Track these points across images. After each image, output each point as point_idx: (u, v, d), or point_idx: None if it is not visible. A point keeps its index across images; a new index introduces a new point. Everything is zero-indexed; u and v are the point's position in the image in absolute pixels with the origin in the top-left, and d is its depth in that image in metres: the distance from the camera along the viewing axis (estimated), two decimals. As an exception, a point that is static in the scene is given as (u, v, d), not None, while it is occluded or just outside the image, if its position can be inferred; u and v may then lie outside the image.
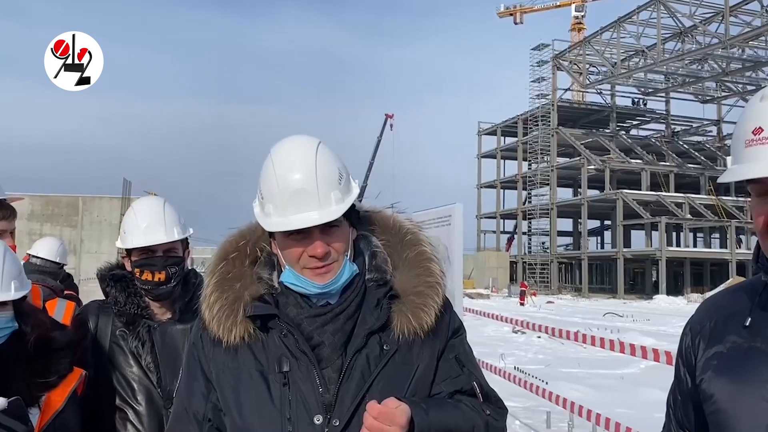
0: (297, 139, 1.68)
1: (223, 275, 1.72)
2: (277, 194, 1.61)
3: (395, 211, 1.86)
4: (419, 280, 1.71)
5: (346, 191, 1.65)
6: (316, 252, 1.59)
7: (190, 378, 1.76)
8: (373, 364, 1.62)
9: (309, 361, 1.60)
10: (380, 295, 1.68)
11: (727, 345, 1.44)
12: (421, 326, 1.65)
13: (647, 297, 49.80)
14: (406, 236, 1.79)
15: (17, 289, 2.01)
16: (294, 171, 1.61)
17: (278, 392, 1.60)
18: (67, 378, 2.11)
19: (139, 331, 2.51)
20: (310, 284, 1.62)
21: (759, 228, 1.35)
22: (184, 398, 1.77)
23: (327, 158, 1.64)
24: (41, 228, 24.22)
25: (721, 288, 2.52)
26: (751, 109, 1.33)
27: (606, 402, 9.05)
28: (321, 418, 1.57)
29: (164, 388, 2.47)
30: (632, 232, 62.20)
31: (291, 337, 1.62)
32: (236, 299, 1.67)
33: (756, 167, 1.28)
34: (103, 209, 25.74)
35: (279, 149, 1.66)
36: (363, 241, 1.77)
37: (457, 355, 1.74)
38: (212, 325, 1.68)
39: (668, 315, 28.99)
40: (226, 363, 1.67)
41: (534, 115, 64.61)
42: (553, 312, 30.36)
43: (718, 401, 1.41)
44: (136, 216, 2.56)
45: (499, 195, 71.69)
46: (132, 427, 2.44)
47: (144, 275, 2.50)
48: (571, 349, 15.24)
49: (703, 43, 51.78)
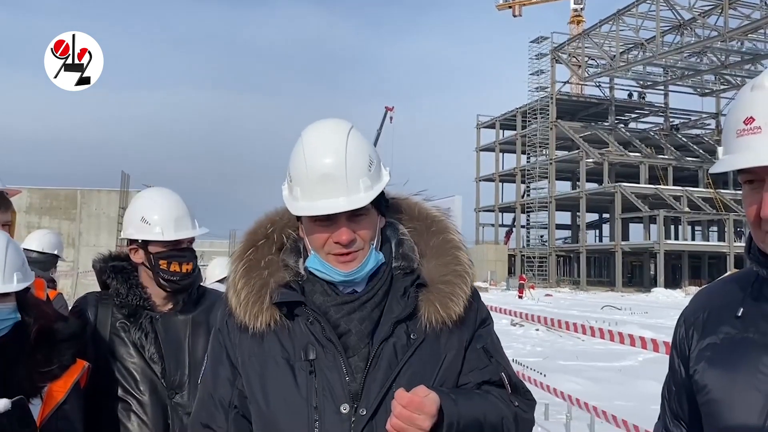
0: (329, 122, 1.66)
1: (250, 262, 1.71)
2: (305, 178, 1.59)
3: (422, 198, 1.83)
4: (447, 269, 1.68)
5: (375, 178, 1.63)
6: (342, 239, 1.58)
7: (216, 364, 1.75)
8: (401, 353, 1.60)
9: (335, 350, 1.58)
10: (407, 284, 1.66)
11: (720, 336, 1.45)
12: (450, 316, 1.63)
13: (645, 290, 49.87)
14: (433, 224, 1.76)
15: (20, 281, 2.02)
16: (324, 155, 1.58)
17: (304, 380, 1.58)
18: (69, 369, 2.12)
19: (142, 322, 2.53)
20: (335, 271, 1.61)
21: (750, 218, 1.35)
22: (209, 384, 1.76)
23: (358, 144, 1.62)
24: (39, 221, 24.18)
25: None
26: (742, 98, 1.33)
27: (604, 394, 9.09)
28: (348, 407, 1.55)
29: (168, 378, 2.49)
30: (630, 225, 62.26)
31: (317, 325, 1.60)
32: (263, 286, 1.66)
33: (747, 157, 1.28)
34: (102, 202, 25.68)
35: (310, 132, 1.63)
36: (390, 229, 1.74)
37: (485, 346, 1.71)
38: (238, 312, 1.66)
39: (666, 308, 29.04)
40: (252, 350, 1.66)
41: (533, 108, 64.54)
42: (551, 305, 30.41)
43: (711, 391, 1.42)
44: (161, 208, 2.57)
45: (498, 188, 71.68)
46: (135, 417, 2.45)
47: (173, 266, 2.53)
48: (569, 342, 15.28)
49: (702, 36, 51.69)
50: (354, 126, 1.66)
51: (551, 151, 62.71)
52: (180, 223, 2.56)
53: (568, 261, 66.28)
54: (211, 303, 2.69)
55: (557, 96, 64.25)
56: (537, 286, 48.37)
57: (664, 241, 52.03)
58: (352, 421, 1.55)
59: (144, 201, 2.64)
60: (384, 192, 1.67)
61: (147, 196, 2.68)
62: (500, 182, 71.71)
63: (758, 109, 1.29)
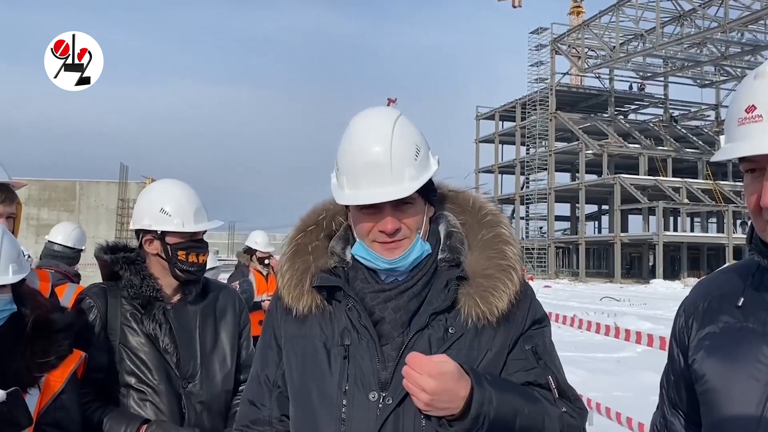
0: (375, 111, 1.66)
1: (298, 246, 1.74)
2: (351, 167, 1.60)
3: (479, 192, 1.82)
4: (491, 263, 1.65)
5: (422, 168, 1.62)
6: (386, 228, 1.58)
7: (265, 345, 1.80)
8: (435, 346, 1.57)
9: (370, 337, 1.59)
10: (450, 276, 1.64)
11: (719, 325, 1.45)
12: (492, 311, 1.59)
13: (644, 281, 49.96)
14: (485, 217, 1.74)
15: (15, 272, 2.02)
16: (369, 144, 1.59)
17: (338, 365, 1.60)
18: (66, 359, 2.13)
19: (155, 313, 2.56)
20: (379, 258, 1.61)
21: (751, 207, 1.35)
22: (258, 363, 1.82)
23: (404, 133, 1.61)
24: (38, 212, 24.19)
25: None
26: (745, 87, 1.32)
27: (602, 385, 9.11)
28: (376, 394, 1.56)
29: (182, 368, 2.53)
30: (629, 216, 62.26)
31: (354, 311, 1.62)
32: (305, 270, 1.69)
33: (748, 145, 1.28)
34: (101, 194, 25.68)
35: (357, 121, 1.64)
36: (441, 220, 1.73)
37: (535, 347, 1.65)
38: (283, 293, 1.71)
39: (665, 299, 29.09)
40: (293, 331, 1.70)
41: (532, 100, 64.41)
42: (550, 296, 30.43)
43: (709, 381, 1.42)
44: (179, 199, 2.61)
45: (497, 180, 71.65)
46: (152, 406, 2.49)
47: (190, 257, 2.58)
48: (567, 333, 15.29)
49: (702, 27, 51.53)
50: (402, 114, 1.65)
51: (551, 142, 62.64)
52: (199, 214, 2.62)
53: (567, 252, 66.33)
54: (216, 294, 2.75)
55: (557, 87, 64.11)
56: (536, 277, 48.43)
57: (663, 233, 52.05)
58: (379, 408, 1.55)
59: (161, 192, 2.66)
60: (432, 181, 1.66)
61: (164, 187, 2.70)
62: (499, 174, 71.69)
63: (760, 97, 1.28)
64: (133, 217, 2.71)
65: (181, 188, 2.68)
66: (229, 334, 2.70)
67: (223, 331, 2.67)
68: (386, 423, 1.54)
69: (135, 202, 2.83)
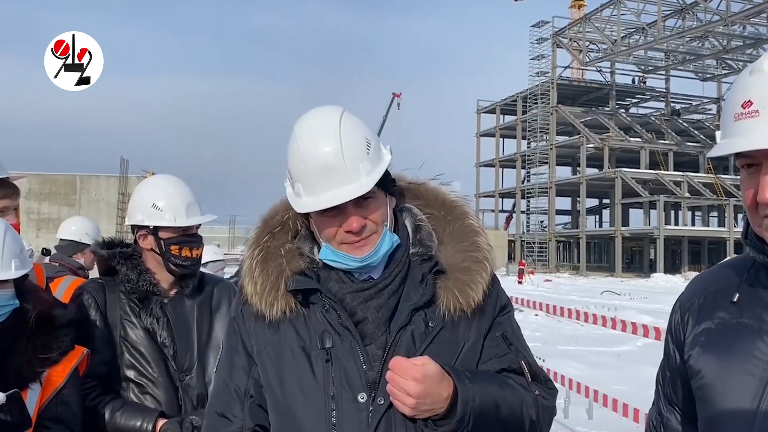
0: (318, 112, 1.62)
1: (267, 249, 1.68)
2: (304, 173, 1.56)
3: (440, 183, 1.80)
4: (466, 256, 1.66)
5: (376, 160, 1.59)
6: (352, 227, 1.56)
7: (231, 353, 1.73)
8: (419, 342, 1.57)
9: (352, 338, 1.56)
10: (425, 270, 1.63)
11: (715, 321, 1.45)
12: (468, 303, 1.61)
13: (645, 275, 49.94)
14: (451, 209, 1.73)
15: (18, 268, 2.04)
16: (318, 147, 1.55)
17: (321, 369, 1.57)
18: (68, 355, 2.14)
19: (152, 307, 2.58)
20: (349, 258, 1.59)
21: (748, 202, 1.35)
22: (225, 374, 1.74)
23: (352, 128, 1.58)
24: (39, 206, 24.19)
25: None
26: (741, 82, 1.32)
27: (602, 379, 9.12)
28: (365, 396, 1.54)
29: (179, 361, 2.56)
30: (630, 210, 62.23)
31: (333, 313, 1.59)
32: (279, 274, 1.64)
33: (744, 140, 1.27)
34: (101, 188, 25.67)
35: (301, 125, 1.60)
36: (406, 214, 1.72)
37: (504, 333, 1.68)
38: (254, 299, 1.65)
39: (665, 293, 29.05)
40: (267, 338, 1.65)
41: (533, 93, 64.25)
42: (550, 290, 30.45)
43: (705, 376, 1.43)
44: (171, 195, 2.62)
45: (498, 174, 71.56)
46: (152, 399, 2.52)
47: (183, 252, 2.59)
48: (568, 327, 15.31)
49: (704, 21, 51.36)
50: (345, 110, 1.62)
51: (552, 136, 62.52)
52: (191, 209, 2.63)
53: (567, 246, 66.31)
54: (211, 288, 2.76)
55: (558, 81, 63.92)
56: (537, 271, 48.39)
57: (664, 227, 52.01)
58: (370, 410, 1.53)
59: (153, 187, 2.68)
60: (389, 171, 1.64)
61: (155, 183, 2.71)
62: (500, 168, 71.56)
63: (756, 92, 1.27)
64: (127, 213, 2.73)
65: (173, 183, 2.69)
66: (223, 327, 2.67)
67: (217, 325, 2.68)
68: (380, 424, 1.52)
69: (134, 197, 2.84)
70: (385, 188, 1.64)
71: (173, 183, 2.69)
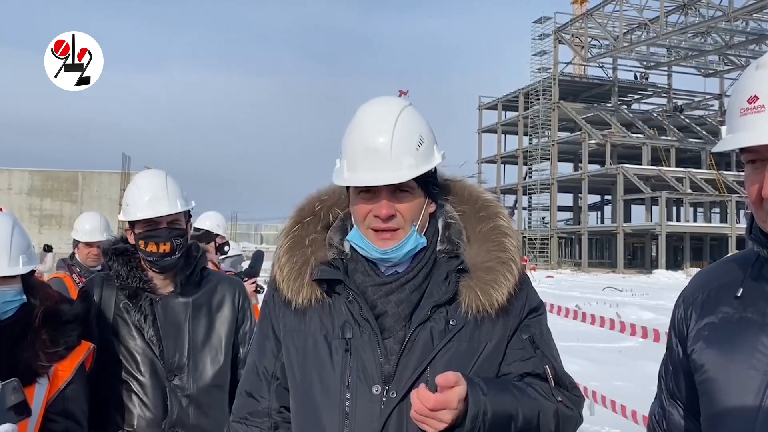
0: (384, 99, 1.68)
1: (296, 238, 1.73)
2: (351, 151, 1.62)
3: (476, 181, 1.82)
4: (491, 255, 1.66)
5: (423, 159, 1.61)
6: (381, 212, 1.58)
7: (262, 336, 1.79)
8: (437, 339, 1.58)
9: (371, 330, 1.58)
10: (450, 268, 1.64)
11: (718, 316, 1.46)
12: (491, 303, 1.60)
13: (646, 271, 49.90)
14: (482, 208, 1.74)
15: (25, 264, 2.06)
16: (371, 130, 1.61)
17: (339, 358, 1.60)
18: (75, 350, 2.17)
19: (141, 304, 2.54)
20: (372, 247, 1.61)
21: (752, 198, 1.35)
22: (255, 355, 1.81)
23: (409, 121, 1.62)
24: (41, 203, 24.24)
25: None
26: (747, 77, 1.32)
27: (604, 376, 9.14)
28: (379, 388, 1.56)
29: (167, 360, 2.52)
30: (632, 206, 62.12)
31: (356, 304, 1.61)
32: (305, 262, 1.68)
33: (750, 136, 1.28)
34: (103, 184, 25.72)
35: (365, 108, 1.66)
36: (438, 211, 1.72)
37: (531, 336, 1.66)
38: (282, 286, 1.70)
39: (667, 289, 29.06)
40: (294, 324, 1.69)
41: (535, 90, 64.16)
42: (552, 286, 30.44)
43: (708, 371, 1.43)
44: (139, 189, 2.58)
45: (500, 170, 71.48)
46: (137, 398, 2.48)
47: (149, 247, 2.52)
48: (569, 323, 15.25)
49: (707, 16, 51.23)
50: (411, 105, 1.67)
51: (553, 132, 62.45)
52: (154, 202, 2.54)
53: (569, 242, 66.28)
54: (213, 285, 2.70)
55: (560, 77, 63.82)
56: (538, 267, 48.40)
57: (665, 223, 51.96)
58: (383, 402, 1.55)
59: (132, 184, 2.67)
60: (435, 176, 1.67)
61: (135, 179, 2.70)
62: (502, 164, 71.48)
63: (762, 87, 1.28)
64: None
65: (145, 178, 2.65)
66: (225, 327, 2.65)
67: (218, 325, 2.63)
68: (391, 417, 1.54)
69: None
70: (426, 189, 1.65)
71: (145, 177, 2.65)
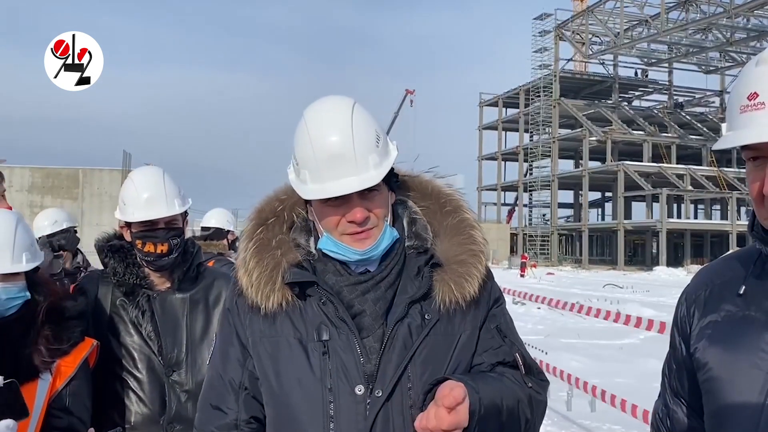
0: (331, 100, 1.61)
1: (261, 241, 1.67)
2: (313, 159, 1.55)
3: (434, 175, 1.80)
4: (463, 248, 1.66)
5: (383, 154, 1.59)
6: (356, 218, 1.54)
7: (225, 345, 1.72)
8: (415, 334, 1.57)
9: (349, 330, 1.56)
10: (421, 263, 1.64)
11: (721, 314, 1.45)
12: (464, 296, 1.61)
13: (647, 268, 49.96)
14: (446, 202, 1.73)
15: (29, 261, 2.07)
16: (329, 134, 1.54)
17: (318, 361, 1.56)
18: (78, 346, 2.17)
19: (139, 300, 2.54)
20: (350, 251, 1.58)
21: (753, 195, 1.34)
22: (218, 365, 1.73)
23: (363, 119, 1.58)
24: (42, 200, 24.21)
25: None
26: (747, 74, 1.31)
27: (605, 372, 9.15)
28: (363, 388, 1.54)
29: (165, 356, 2.52)
30: (633, 203, 62.16)
31: (330, 305, 1.58)
32: (275, 266, 1.63)
33: (750, 133, 1.27)
34: (104, 181, 25.67)
35: (313, 111, 1.59)
36: (401, 207, 1.71)
37: (498, 325, 1.68)
38: (250, 292, 1.64)
39: (668, 286, 29.09)
40: (263, 330, 1.64)
41: (536, 86, 64.15)
42: (553, 283, 30.48)
43: (711, 369, 1.43)
44: (137, 187, 2.55)
45: (500, 167, 71.51)
46: (134, 394, 2.48)
47: (146, 247, 2.51)
48: (570, 320, 15.32)
49: (708, 13, 51.19)
50: (357, 101, 1.61)
51: (554, 129, 62.43)
52: (152, 202, 2.51)
53: (570, 240, 66.31)
54: (210, 281, 2.70)
55: (560, 74, 63.79)
56: (539, 264, 48.37)
57: (666, 220, 51.98)
58: (368, 402, 1.53)
59: (128, 182, 2.64)
60: (393, 167, 1.64)
61: (130, 177, 2.66)
62: (503, 161, 71.50)
63: (762, 84, 1.27)
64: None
65: (141, 176, 2.62)
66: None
67: (215, 320, 2.61)
68: (377, 416, 1.53)
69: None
70: (388, 183, 1.64)
71: (142, 175, 2.62)
